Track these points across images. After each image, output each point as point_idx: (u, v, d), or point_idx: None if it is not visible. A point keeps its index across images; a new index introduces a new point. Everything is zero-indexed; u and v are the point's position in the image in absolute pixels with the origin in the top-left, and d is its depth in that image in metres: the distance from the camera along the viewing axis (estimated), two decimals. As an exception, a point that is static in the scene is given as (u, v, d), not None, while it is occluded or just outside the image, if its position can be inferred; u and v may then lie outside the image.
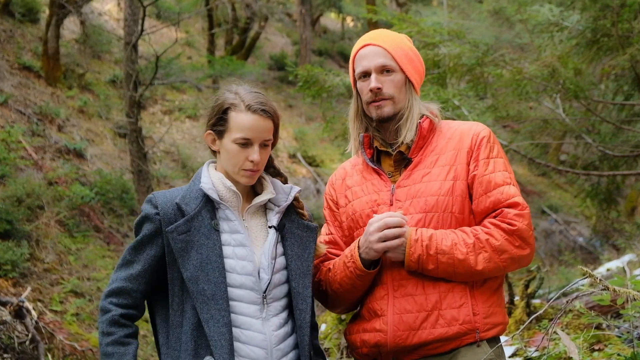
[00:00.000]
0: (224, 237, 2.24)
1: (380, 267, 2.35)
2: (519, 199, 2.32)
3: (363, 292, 2.39)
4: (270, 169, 2.41)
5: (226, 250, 2.22)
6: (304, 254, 2.30)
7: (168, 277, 2.22)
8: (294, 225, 2.34)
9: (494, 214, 2.33)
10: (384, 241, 2.27)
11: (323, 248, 2.42)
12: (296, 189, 2.37)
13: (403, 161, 2.42)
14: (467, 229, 2.32)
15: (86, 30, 14.13)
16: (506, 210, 2.30)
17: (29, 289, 7.43)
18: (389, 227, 2.26)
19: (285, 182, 2.41)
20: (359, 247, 2.33)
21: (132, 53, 9.60)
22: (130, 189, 10.38)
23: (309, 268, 2.29)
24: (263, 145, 2.27)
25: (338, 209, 2.52)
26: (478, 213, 2.35)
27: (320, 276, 2.48)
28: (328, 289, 2.45)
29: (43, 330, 6.74)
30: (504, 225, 2.29)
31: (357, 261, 2.32)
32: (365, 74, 2.43)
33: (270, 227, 2.31)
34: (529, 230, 2.30)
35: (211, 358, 2.15)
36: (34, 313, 6.70)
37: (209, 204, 2.26)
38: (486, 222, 2.32)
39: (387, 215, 2.28)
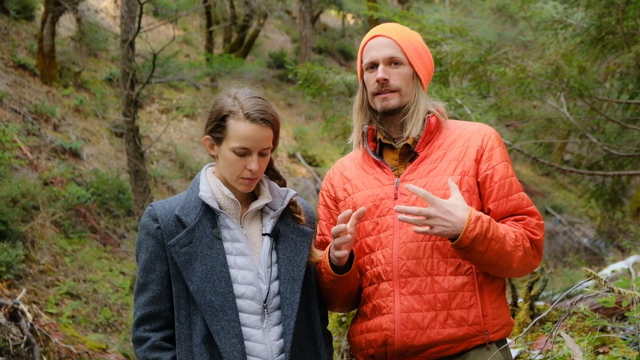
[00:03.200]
0: (226, 246, 2.20)
1: (385, 261, 2.29)
2: (535, 208, 2.33)
3: (348, 291, 2.35)
4: (270, 171, 2.35)
5: (228, 259, 2.19)
6: (295, 259, 2.25)
7: (173, 289, 2.19)
8: (289, 229, 2.29)
9: (513, 219, 2.30)
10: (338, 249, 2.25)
11: (319, 254, 2.36)
12: (292, 192, 2.32)
13: (409, 155, 2.38)
14: (504, 225, 2.27)
15: (82, 27, 14.05)
16: (529, 218, 2.30)
17: (24, 290, 7.36)
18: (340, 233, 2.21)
19: (283, 185, 2.35)
20: (328, 252, 2.31)
21: (129, 51, 9.49)
22: (127, 189, 10.30)
23: (300, 273, 2.24)
24: (262, 154, 2.22)
25: (337, 204, 2.47)
26: (496, 214, 2.31)
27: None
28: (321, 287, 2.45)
29: (38, 333, 6.69)
30: (528, 233, 2.28)
31: (327, 267, 2.30)
32: (373, 65, 2.39)
33: (264, 235, 2.26)
34: (542, 242, 2.31)
35: None
36: (29, 315, 6.66)
37: (209, 212, 2.22)
38: (510, 223, 2.30)
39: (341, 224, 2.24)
